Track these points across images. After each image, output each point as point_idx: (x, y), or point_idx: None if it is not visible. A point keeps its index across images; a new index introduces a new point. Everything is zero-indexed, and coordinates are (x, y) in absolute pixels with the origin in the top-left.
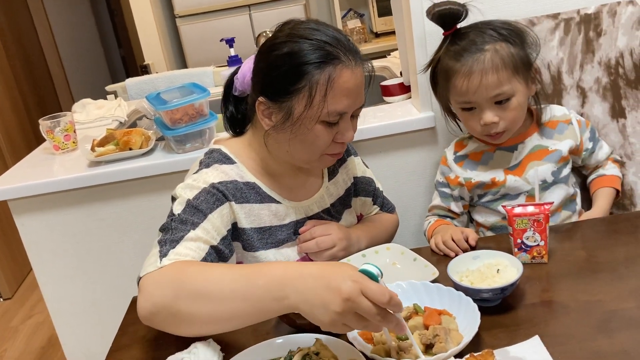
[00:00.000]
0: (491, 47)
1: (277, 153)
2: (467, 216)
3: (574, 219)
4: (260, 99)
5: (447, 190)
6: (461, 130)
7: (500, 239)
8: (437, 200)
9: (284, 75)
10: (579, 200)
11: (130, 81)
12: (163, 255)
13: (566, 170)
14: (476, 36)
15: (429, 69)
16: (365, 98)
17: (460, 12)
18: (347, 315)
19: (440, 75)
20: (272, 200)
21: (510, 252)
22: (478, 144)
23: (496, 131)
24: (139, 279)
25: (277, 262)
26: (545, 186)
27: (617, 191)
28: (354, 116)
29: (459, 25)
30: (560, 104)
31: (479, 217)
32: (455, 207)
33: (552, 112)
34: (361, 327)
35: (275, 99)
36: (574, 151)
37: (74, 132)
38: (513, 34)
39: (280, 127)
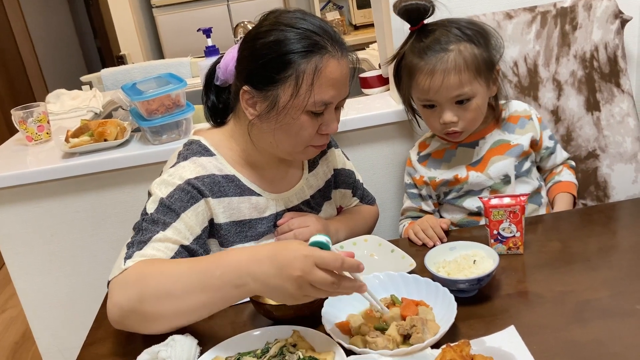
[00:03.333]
0: (455, 47)
1: (261, 143)
2: (438, 215)
3: (542, 211)
4: (245, 87)
5: (414, 191)
6: (419, 126)
7: (476, 230)
8: (407, 203)
9: (269, 64)
10: (544, 193)
11: (105, 72)
12: (128, 257)
13: (528, 164)
14: (441, 35)
15: (393, 63)
16: (349, 89)
17: (427, 8)
18: (304, 288)
19: (404, 71)
20: (252, 192)
21: (487, 243)
22: (440, 142)
23: (454, 130)
24: (108, 282)
25: (231, 250)
26: (507, 180)
27: (574, 197)
28: (338, 107)
29: (425, 21)
30: (536, 96)
31: (446, 215)
32: (426, 206)
33: (514, 107)
34: (322, 295)
35: (260, 87)
36: (534, 146)
37: (48, 122)
38: (478, 35)
39: (265, 116)
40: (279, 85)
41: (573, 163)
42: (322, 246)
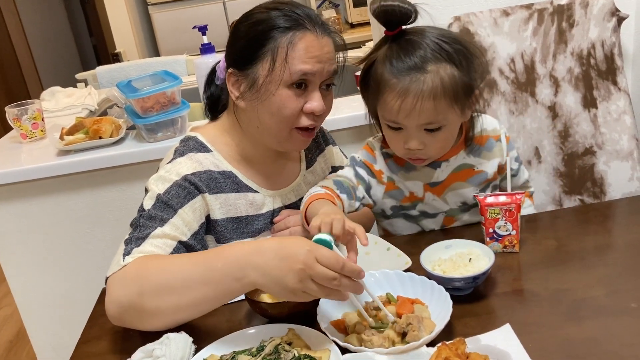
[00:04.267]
0: (434, 68)
1: (249, 129)
2: (381, 230)
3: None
4: (230, 70)
5: (364, 174)
6: (382, 135)
7: (472, 228)
8: (344, 171)
9: (249, 43)
10: None
11: (101, 69)
12: (126, 253)
13: (488, 191)
14: (419, 49)
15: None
16: (337, 70)
17: (409, 14)
18: (305, 282)
19: (374, 80)
20: (249, 189)
21: (483, 241)
22: None
23: (419, 157)
24: (106, 279)
25: (234, 243)
26: (465, 208)
27: None
28: (327, 89)
29: (404, 27)
30: (533, 92)
31: (390, 227)
32: (360, 192)
33: (484, 123)
34: (322, 293)
35: (242, 67)
36: (500, 171)
37: (42, 120)
38: (460, 55)
39: (248, 95)
40: (258, 62)
41: (532, 189)
42: (325, 244)
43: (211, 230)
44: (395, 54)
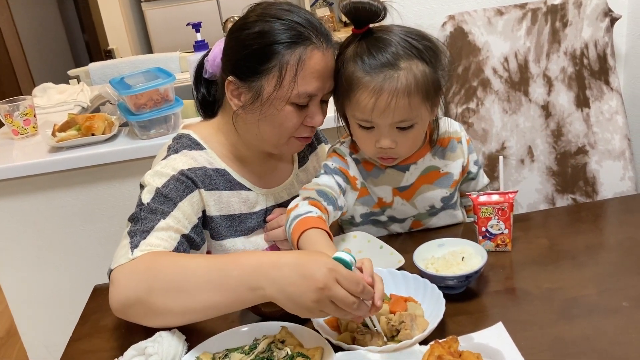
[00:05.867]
0: (407, 65)
1: (246, 136)
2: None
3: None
4: (230, 78)
5: (341, 181)
6: (351, 135)
7: (465, 227)
8: (324, 180)
9: (253, 55)
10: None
11: (93, 66)
12: (134, 246)
13: (456, 195)
14: (390, 47)
15: None
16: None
17: (378, 11)
18: (323, 303)
19: (344, 79)
20: (242, 187)
21: (475, 240)
22: None
23: (390, 156)
24: (110, 271)
25: (251, 252)
26: (433, 212)
27: None
28: (324, 101)
29: (372, 25)
30: (526, 92)
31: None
32: (341, 201)
33: (444, 127)
34: (340, 314)
35: (245, 78)
36: (463, 172)
37: (34, 116)
38: (430, 52)
39: (249, 107)
40: (263, 76)
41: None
42: (345, 264)
43: (206, 226)
44: (366, 51)
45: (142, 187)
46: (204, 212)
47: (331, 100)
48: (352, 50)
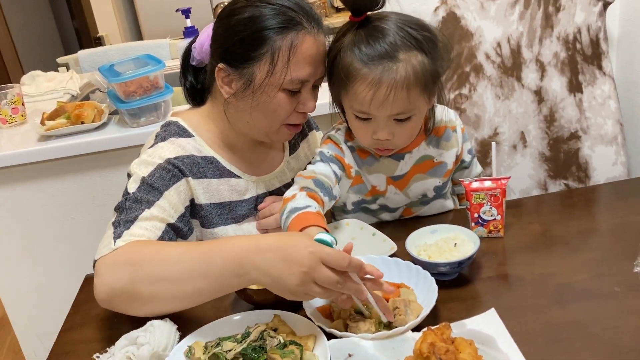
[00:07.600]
0: (405, 56)
1: (237, 123)
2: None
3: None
4: (220, 65)
5: (337, 169)
6: (347, 122)
7: (457, 213)
8: (321, 168)
9: (244, 41)
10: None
11: (82, 53)
12: (117, 236)
13: (449, 185)
14: (389, 37)
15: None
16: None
17: (377, 0)
18: (307, 285)
19: (341, 69)
20: (231, 174)
21: (468, 226)
22: None
23: (386, 147)
24: (94, 262)
25: (233, 237)
26: (425, 201)
27: None
28: (316, 87)
29: (370, 13)
30: (519, 77)
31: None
32: (336, 190)
33: (439, 115)
34: (325, 295)
35: (236, 65)
36: (456, 162)
37: (23, 105)
38: (429, 42)
39: (241, 94)
40: (255, 63)
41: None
42: (327, 245)
43: (196, 215)
44: (364, 40)
45: (129, 176)
46: (192, 200)
47: (324, 86)
48: (350, 39)
